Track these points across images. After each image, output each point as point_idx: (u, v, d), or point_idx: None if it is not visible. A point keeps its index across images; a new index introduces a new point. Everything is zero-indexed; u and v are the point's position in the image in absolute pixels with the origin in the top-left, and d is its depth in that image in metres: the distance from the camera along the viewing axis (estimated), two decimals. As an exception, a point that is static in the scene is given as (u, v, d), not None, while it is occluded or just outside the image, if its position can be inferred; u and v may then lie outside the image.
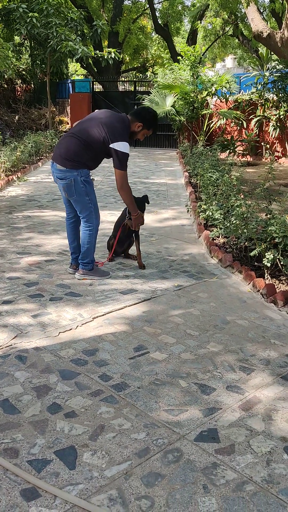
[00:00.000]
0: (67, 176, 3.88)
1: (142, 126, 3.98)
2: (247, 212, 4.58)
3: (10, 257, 4.79)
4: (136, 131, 3.99)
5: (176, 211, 7.02)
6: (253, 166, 11.71)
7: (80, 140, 3.86)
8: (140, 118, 3.97)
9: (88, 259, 4.16)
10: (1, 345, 3.01)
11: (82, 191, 3.93)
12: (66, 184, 3.91)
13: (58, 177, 3.94)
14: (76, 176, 3.88)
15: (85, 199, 3.97)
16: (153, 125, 4.06)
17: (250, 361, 2.89)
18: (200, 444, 2.16)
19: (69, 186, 3.91)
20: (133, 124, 3.97)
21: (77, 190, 3.92)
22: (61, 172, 3.89)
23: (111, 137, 3.81)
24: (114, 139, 3.81)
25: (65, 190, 3.95)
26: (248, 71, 21.35)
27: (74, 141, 3.89)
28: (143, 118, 3.97)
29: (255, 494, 1.88)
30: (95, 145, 3.85)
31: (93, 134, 3.84)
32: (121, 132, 3.84)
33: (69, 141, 3.92)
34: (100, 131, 3.82)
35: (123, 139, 3.84)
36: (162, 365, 2.82)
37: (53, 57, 14.23)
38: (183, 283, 4.16)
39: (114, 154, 3.84)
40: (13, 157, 9.75)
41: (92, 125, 3.88)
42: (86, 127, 3.90)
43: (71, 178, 3.87)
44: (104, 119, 3.88)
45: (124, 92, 17.26)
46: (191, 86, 11.30)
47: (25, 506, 1.80)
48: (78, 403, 2.43)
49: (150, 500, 1.85)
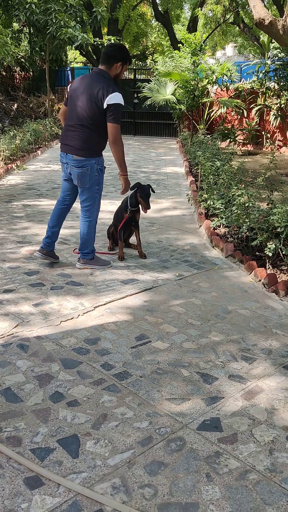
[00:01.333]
0: (85, 165, 3.87)
1: (121, 64, 3.84)
2: (249, 201, 4.56)
3: (10, 246, 4.77)
4: (118, 73, 3.87)
5: (176, 201, 6.99)
6: (253, 155, 11.65)
7: (87, 127, 3.83)
8: (116, 59, 3.80)
9: (88, 249, 4.14)
10: (3, 334, 3.00)
11: (95, 180, 3.94)
12: (82, 172, 3.89)
13: (74, 165, 3.90)
14: (93, 164, 3.88)
15: (95, 188, 3.97)
16: (129, 57, 3.94)
17: (252, 350, 2.88)
18: (203, 433, 2.16)
19: (85, 174, 3.90)
20: (112, 69, 3.82)
21: (91, 179, 3.92)
22: (78, 162, 3.87)
23: (103, 99, 3.71)
24: (107, 95, 3.69)
25: (79, 178, 3.92)
26: (249, 59, 21.18)
27: (84, 131, 3.84)
28: (118, 57, 3.80)
29: (258, 483, 1.89)
30: (98, 121, 3.80)
31: (92, 113, 3.77)
32: (107, 86, 3.72)
33: (79, 133, 3.86)
34: (95, 105, 3.74)
35: (113, 90, 3.73)
36: (164, 354, 2.82)
37: (52, 44, 14.09)
38: (184, 272, 4.15)
39: (112, 109, 3.73)
40: (12, 146, 9.69)
41: (86, 104, 3.77)
42: (83, 110, 3.79)
43: (89, 166, 3.87)
44: (90, 90, 3.74)
45: (124, 80, 17.06)
46: (191, 74, 11.19)
47: (29, 494, 1.80)
48: (80, 392, 2.43)
49: (153, 488, 1.85)
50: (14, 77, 17.76)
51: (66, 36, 12.68)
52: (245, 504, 1.79)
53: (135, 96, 15.40)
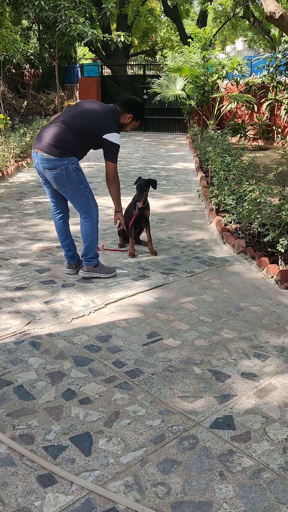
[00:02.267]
0: (57, 166, 3.58)
1: (132, 118, 3.84)
2: (260, 197, 4.52)
3: (21, 243, 4.78)
4: (126, 123, 3.85)
5: (186, 197, 6.96)
6: (264, 151, 11.56)
7: (70, 128, 3.61)
8: (130, 110, 3.80)
9: (91, 254, 3.86)
10: (15, 331, 3.01)
11: (75, 180, 3.65)
12: (57, 174, 3.60)
13: (45, 167, 3.61)
14: (66, 164, 3.59)
15: (80, 187, 3.69)
16: (142, 116, 3.96)
17: (265, 348, 2.86)
18: (216, 431, 2.14)
19: (61, 176, 3.60)
20: (123, 116, 3.81)
21: (70, 180, 3.63)
22: (49, 162, 3.58)
23: (104, 128, 3.65)
24: (107, 130, 3.65)
25: (57, 181, 3.64)
26: (259, 53, 21.01)
27: (63, 129, 3.62)
28: (133, 110, 3.82)
29: (272, 482, 1.87)
30: (86, 134, 3.64)
31: (84, 122, 3.63)
32: (113, 124, 3.71)
33: (57, 128, 3.63)
34: (92, 121, 3.65)
35: (115, 130, 3.71)
36: (175, 351, 2.80)
37: (61, 41, 14.08)
38: (195, 269, 4.13)
39: (106, 145, 3.68)
40: (23, 143, 9.71)
41: (83, 114, 3.67)
42: (76, 116, 3.67)
43: (62, 167, 3.58)
44: (96, 110, 3.70)
45: (133, 76, 17.08)
46: (201, 69, 11.13)
47: (42, 492, 1.81)
48: (92, 389, 2.43)
49: (166, 487, 1.84)
50: (24, 75, 17.81)
51: (75, 33, 12.66)
52: (259, 503, 1.77)
53: (144, 92, 15.36)
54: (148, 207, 4.50)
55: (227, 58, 11.65)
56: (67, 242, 3.99)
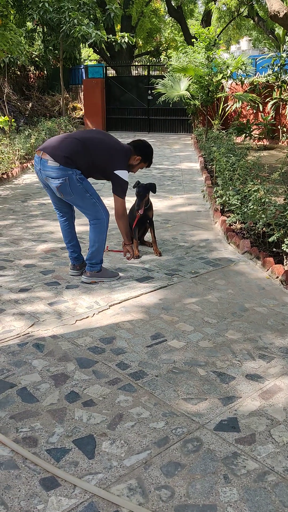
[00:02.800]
0: (61, 175, 3.51)
1: (140, 160, 3.91)
2: (265, 197, 4.49)
3: (26, 245, 4.78)
4: (134, 164, 3.90)
5: (191, 197, 6.94)
6: (269, 150, 11.51)
7: (86, 148, 3.61)
8: (140, 152, 3.88)
9: (96, 260, 3.80)
10: (19, 333, 3.00)
11: (80, 189, 3.59)
12: (60, 184, 3.53)
13: (49, 175, 3.55)
14: (71, 174, 3.52)
15: (86, 195, 3.63)
16: (150, 159, 4.01)
17: (270, 349, 2.84)
18: (220, 433, 2.13)
19: (64, 186, 3.54)
20: (132, 157, 3.86)
21: (74, 189, 3.57)
22: (54, 170, 3.51)
23: (116, 164, 3.68)
24: (119, 167, 3.70)
25: (60, 190, 3.58)
26: (264, 52, 20.94)
27: (77, 144, 3.59)
28: (142, 153, 3.90)
29: (277, 485, 1.85)
30: (99, 161, 3.65)
31: (98, 150, 3.65)
32: (124, 162, 3.77)
33: (71, 141, 3.61)
34: (107, 152, 3.66)
35: (126, 168, 3.77)
36: (180, 353, 2.79)
37: (65, 42, 14.10)
38: (200, 270, 4.11)
39: (116, 181, 3.71)
40: (27, 145, 9.73)
41: (98, 142, 3.68)
42: (92, 140, 3.67)
43: (66, 177, 3.52)
44: (112, 144, 3.73)
45: (138, 77, 17.07)
46: (205, 69, 11.10)
47: (45, 495, 1.80)
48: (96, 391, 2.42)
49: (170, 490, 1.83)
50: (29, 76, 17.85)
51: (79, 34, 12.67)
52: (264, 506, 1.75)
53: (149, 93, 15.36)
54: (151, 207, 4.49)
55: (232, 58, 11.61)
56: (72, 244, 3.98)
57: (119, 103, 16.39)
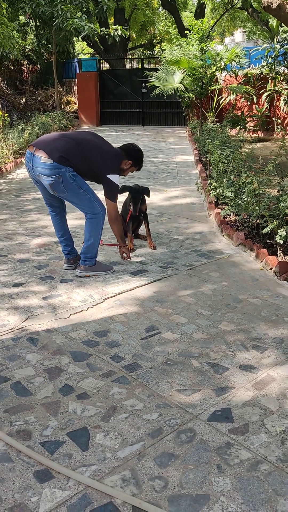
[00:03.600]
0: (54, 173, 3.47)
1: (131, 164, 3.93)
2: (259, 188, 4.49)
3: (20, 239, 4.77)
4: (125, 168, 3.92)
5: (185, 190, 6.93)
6: (264, 142, 11.50)
7: (81, 150, 3.60)
8: (131, 157, 3.90)
9: (91, 254, 3.79)
10: (13, 328, 3.00)
11: (73, 186, 3.55)
12: (53, 181, 3.50)
13: (41, 173, 3.50)
14: (64, 172, 3.48)
15: (80, 192, 3.60)
16: (141, 163, 4.04)
17: (263, 339, 2.85)
18: (214, 424, 2.14)
19: (57, 183, 3.51)
20: (124, 161, 3.88)
21: (67, 187, 3.54)
22: (47, 168, 3.46)
23: (109, 168, 3.70)
24: (111, 171, 3.71)
25: (53, 188, 3.54)
26: (258, 44, 20.85)
27: (74, 145, 3.59)
28: (133, 157, 3.92)
29: (270, 474, 1.86)
30: (91, 164, 3.65)
31: (95, 154, 3.65)
32: (116, 166, 3.79)
33: (66, 140, 3.60)
34: (100, 156, 3.67)
35: (117, 172, 3.79)
36: (174, 345, 2.79)
37: (58, 36, 14.01)
38: (194, 262, 4.11)
39: (108, 185, 3.73)
40: (21, 139, 9.68)
41: (92, 145, 3.68)
42: (90, 144, 3.68)
43: (58, 174, 3.47)
44: (105, 148, 3.75)
45: (132, 70, 16.99)
46: (199, 61, 11.06)
47: (39, 488, 1.80)
48: (90, 384, 2.42)
49: (163, 480, 1.83)
50: (22, 71, 17.74)
51: (72, 27, 12.59)
52: (257, 495, 1.76)
53: (143, 86, 15.29)
54: (144, 201, 4.48)
55: (225, 50, 11.57)
56: (64, 238, 3.97)
57: (113, 96, 16.32)
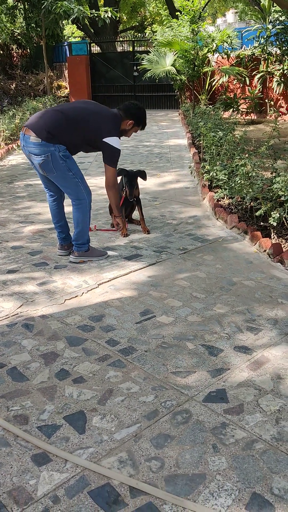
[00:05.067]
0: (43, 152, 3.44)
1: (133, 124, 3.80)
2: (252, 171, 4.48)
3: (13, 226, 4.75)
4: (127, 129, 3.80)
5: (179, 174, 6.90)
6: (257, 124, 11.44)
7: (68, 120, 3.51)
8: (132, 116, 3.76)
9: (82, 240, 3.78)
10: (8, 314, 3.00)
11: (62, 167, 3.51)
12: (42, 161, 3.47)
13: (32, 152, 3.48)
14: (53, 151, 3.45)
15: (68, 174, 3.55)
16: (144, 122, 3.90)
17: (258, 321, 2.86)
18: (209, 404, 2.16)
19: (46, 162, 3.47)
20: (124, 122, 3.75)
21: (56, 167, 3.50)
22: (36, 146, 3.44)
23: (105, 131, 3.57)
24: (108, 134, 3.58)
25: (42, 167, 3.52)
26: (250, 25, 20.61)
27: (61, 118, 3.50)
28: (134, 116, 3.77)
29: (264, 452, 1.89)
30: (84, 132, 3.55)
31: (85, 120, 3.55)
32: (115, 128, 3.65)
33: (55, 115, 3.52)
34: (94, 121, 3.55)
35: (116, 135, 3.65)
36: (169, 328, 2.81)
37: (47, 19, 13.78)
38: (188, 246, 4.11)
39: (107, 149, 3.60)
40: (12, 125, 9.58)
41: (84, 113, 3.58)
42: (77, 111, 3.58)
43: (48, 153, 3.44)
44: (98, 112, 3.63)
45: (123, 53, 16.77)
46: (191, 42, 10.92)
47: (37, 471, 1.82)
48: (86, 368, 2.44)
49: (160, 461, 1.86)
50: (12, 56, 17.47)
51: (61, 10, 12.39)
52: (252, 473, 1.79)
53: (134, 69, 15.12)
54: (137, 185, 4.46)
55: (217, 31, 11.43)
56: (60, 224, 3.95)
57: (104, 80, 16.14)
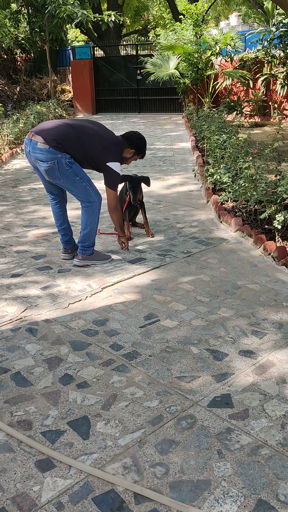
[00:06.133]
0: (50, 158, 3.45)
1: (133, 153, 3.87)
2: (256, 174, 4.46)
3: (17, 230, 4.75)
4: (128, 157, 3.87)
5: (183, 177, 6.89)
6: (261, 127, 11.42)
7: (77, 135, 3.56)
8: (133, 145, 3.83)
9: (88, 242, 3.78)
10: (11, 319, 3.00)
11: (69, 173, 3.53)
12: (48, 168, 3.48)
13: (38, 158, 3.49)
14: (60, 158, 3.46)
15: (75, 179, 3.58)
16: (144, 152, 3.97)
17: (262, 325, 2.84)
18: (214, 410, 2.14)
19: (52, 170, 3.49)
20: (126, 150, 3.81)
21: (62, 173, 3.52)
22: (42, 153, 3.45)
23: (109, 155, 3.65)
24: (112, 159, 3.67)
25: (48, 174, 3.53)
26: (253, 27, 20.62)
27: (71, 131, 3.55)
28: (136, 145, 3.85)
29: (270, 458, 1.87)
30: (89, 151, 3.60)
31: (93, 139, 3.61)
32: (117, 154, 3.73)
33: (65, 127, 3.57)
34: (99, 143, 3.62)
35: (118, 160, 3.74)
36: (173, 332, 2.79)
37: (51, 23, 13.83)
38: (192, 249, 4.10)
39: (108, 173, 3.69)
40: (16, 129, 9.61)
41: (92, 133, 3.63)
42: (87, 129, 3.63)
43: (54, 160, 3.45)
44: (104, 136, 3.70)
45: (126, 56, 16.79)
46: (194, 46, 10.93)
47: (40, 477, 1.81)
48: (90, 373, 2.42)
49: (164, 467, 1.84)
50: (16, 60, 17.54)
51: (65, 14, 12.43)
52: (258, 479, 1.77)
53: (138, 73, 15.13)
54: (141, 189, 4.44)
55: (220, 34, 11.43)
56: (63, 227, 3.95)
57: (108, 84, 16.16)
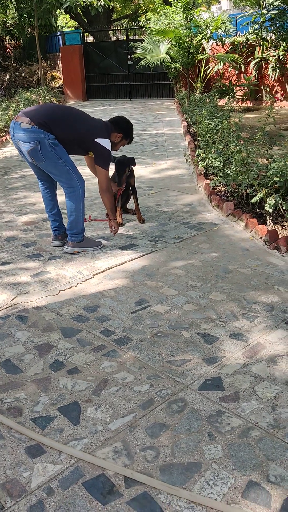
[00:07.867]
0: (32, 138, 3.36)
1: (121, 137, 3.79)
2: (247, 158, 4.43)
3: (7, 217, 4.71)
4: (116, 141, 3.78)
5: (174, 162, 6.84)
6: (253, 111, 11.35)
7: (64, 115, 3.53)
8: (121, 129, 3.76)
9: (76, 229, 3.72)
10: (1, 306, 2.97)
11: (52, 155, 3.44)
12: (30, 148, 3.38)
13: (20, 139, 3.40)
14: (42, 138, 3.37)
15: (58, 162, 3.48)
16: (131, 135, 3.89)
17: (253, 308, 2.84)
18: (204, 393, 2.14)
19: (35, 150, 3.39)
20: (113, 134, 3.74)
21: (45, 155, 3.42)
22: (25, 133, 3.37)
23: (97, 132, 3.57)
24: (100, 135, 3.57)
25: (31, 155, 3.43)
26: (245, 11, 20.38)
27: (58, 112, 3.54)
28: (123, 129, 3.78)
29: (261, 440, 1.87)
30: (77, 130, 3.52)
31: (80, 119, 3.56)
32: (106, 133, 3.64)
33: (52, 108, 3.56)
34: (87, 124, 3.57)
35: (107, 137, 3.63)
36: (164, 317, 2.78)
37: (40, 8, 13.61)
38: (184, 234, 4.08)
39: (99, 149, 3.57)
40: (6, 117, 9.49)
41: (80, 114, 3.61)
42: (74, 112, 3.61)
43: (37, 140, 3.36)
44: (92, 119, 3.66)
45: (117, 42, 16.59)
46: (185, 30, 10.80)
47: (30, 463, 1.80)
48: (80, 359, 2.41)
49: (155, 450, 1.84)
50: (5, 47, 17.28)
51: (53, -1, 12.24)
52: (248, 461, 1.77)
53: (128, 58, 14.96)
54: (133, 174, 4.40)
55: (211, 17, 11.30)
56: (53, 213, 3.90)
57: (98, 70, 15.98)
